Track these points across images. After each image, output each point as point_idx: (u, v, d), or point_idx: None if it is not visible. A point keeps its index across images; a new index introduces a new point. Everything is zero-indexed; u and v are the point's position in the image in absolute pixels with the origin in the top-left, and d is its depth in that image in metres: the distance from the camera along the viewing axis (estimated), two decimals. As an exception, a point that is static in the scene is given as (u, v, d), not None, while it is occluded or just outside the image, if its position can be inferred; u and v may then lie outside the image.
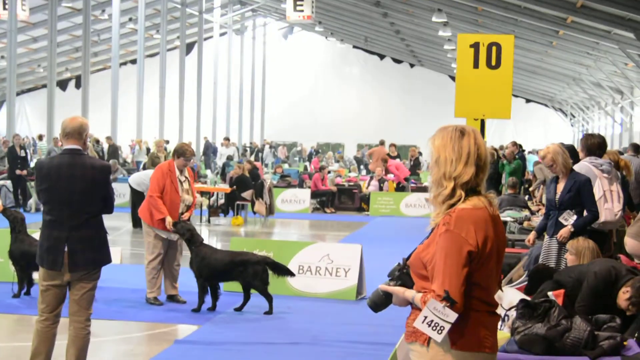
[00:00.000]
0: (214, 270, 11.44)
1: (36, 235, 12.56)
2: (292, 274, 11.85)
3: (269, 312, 11.41)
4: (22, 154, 26.37)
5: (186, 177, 12.14)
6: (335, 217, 27.26)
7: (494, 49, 10.55)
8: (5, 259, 12.88)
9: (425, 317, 4.15)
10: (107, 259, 7.99)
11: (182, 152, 12.08)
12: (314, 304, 12.15)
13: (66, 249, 7.55)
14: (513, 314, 6.89)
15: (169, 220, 11.60)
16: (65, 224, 7.58)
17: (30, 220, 13.33)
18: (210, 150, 46.28)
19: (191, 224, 11.84)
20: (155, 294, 11.97)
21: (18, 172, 25.56)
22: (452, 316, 4.12)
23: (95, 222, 7.87)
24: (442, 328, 4.13)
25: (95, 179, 7.66)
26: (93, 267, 7.81)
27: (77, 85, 62.35)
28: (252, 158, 44.73)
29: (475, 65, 10.47)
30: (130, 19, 51.62)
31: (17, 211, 12.60)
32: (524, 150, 28.46)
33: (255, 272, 11.32)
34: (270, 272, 11.48)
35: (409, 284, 4.44)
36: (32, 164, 34.65)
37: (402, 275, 4.50)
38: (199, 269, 11.49)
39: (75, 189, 7.56)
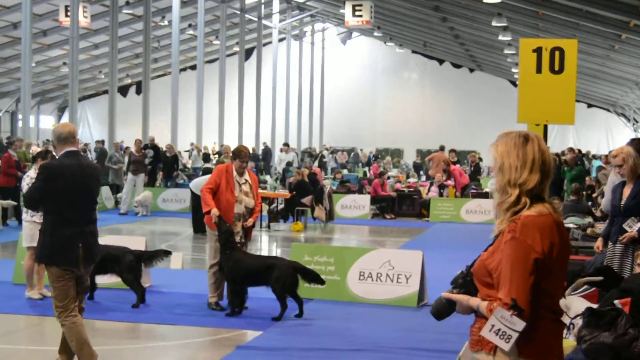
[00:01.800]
0: (245, 274, 11.47)
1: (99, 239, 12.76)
2: (322, 282, 11.77)
3: (299, 315, 11.47)
4: None
5: (247, 180, 12.13)
6: (395, 223, 27.19)
7: (557, 53, 10.44)
8: (68, 264, 13.06)
9: (493, 326, 4.13)
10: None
11: (238, 153, 12.18)
12: (375, 311, 12.13)
13: (80, 244, 8.04)
14: (579, 322, 6.82)
15: (214, 212, 11.67)
16: (78, 221, 8.11)
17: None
18: (269, 156, 46.45)
19: (231, 228, 11.80)
20: (217, 298, 12.02)
21: None
22: (520, 324, 4.09)
23: (95, 217, 8.54)
24: (509, 337, 4.10)
25: (99, 177, 8.53)
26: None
27: (138, 91, 62.91)
28: (316, 164, 44.84)
29: (538, 70, 10.37)
30: (190, 25, 52.03)
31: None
32: (583, 156, 28.18)
33: (279, 277, 11.29)
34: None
35: (472, 292, 4.42)
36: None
37: (466, 283, 4.47)
38: (230, 273, 11.53)
39: (87, 187, 8.20)
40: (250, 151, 12.74)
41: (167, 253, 12.77)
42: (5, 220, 22.77)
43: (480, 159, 38.53)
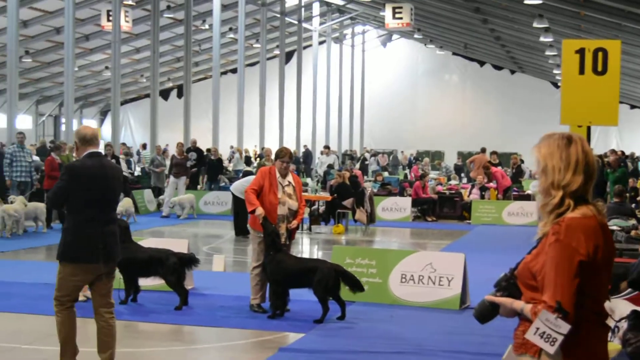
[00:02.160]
0: (287, 275, 11.49)
1: (142, 242, 12.86)
2: (361, 289, 11.72)
3: (341, 317, 11.48)
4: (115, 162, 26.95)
5: (290, 182, 12.13)
6: (436, 225, 27.12)
7: (600, 54, 10.37)
8: (112, 267, 13.16)
9: (537, 329, 4.11)
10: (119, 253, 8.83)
11: (278, 153, 12.27)
12: (417, 313, 12.11)
13: (102, 244, 8.27)
14: (624, 325, 6.77)
15: (260, 211, 11.72)
16: (100, 220, 8.32)
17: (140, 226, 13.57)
18: (310, 159, 46.51)
19: (277, 230, 11.82)
20: (259, 300, 12.04)
21: None
22: (565, 327, 4.07)
23: (115, 217, 8.82)
24: (554, 340, 4.08)
25: (120, 178, 8.77)
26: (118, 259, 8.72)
27: (179, 95, 63.25)
28: (357, 166, 44.83)
29: (581, 71, 10.29)
30: (230, 29, 52.25)
31: (120, 219, 12.86)
32: (627, 158, 27.93)
33: (321, 279, 11.30)
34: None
35: (516, 295, 4.40)
36: (136, 172, 35.37)
37: (509, 286, 4.45)
38: (273, 274, 11.55)
39: (108, 187, 8.42)
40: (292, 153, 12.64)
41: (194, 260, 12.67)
42: (50, 223, 23.00)
43: (522, 161, 38.30)
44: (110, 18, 36.42)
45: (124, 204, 24.80)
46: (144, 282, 12.64)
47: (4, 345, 9.90)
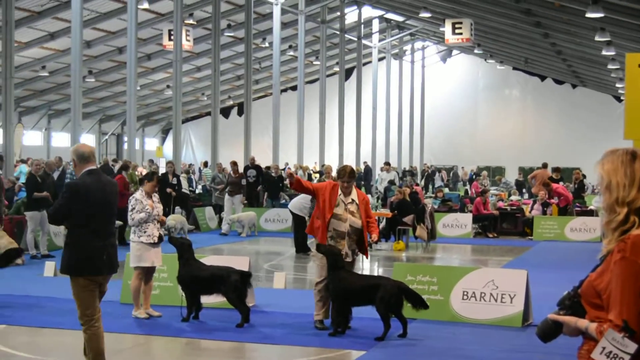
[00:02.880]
0: (349, 293, 11.44)
1: (204, 259, 12.92)
2: (426, 306, 11.65)
3: (402, 334, 11.38)
4: (174, 181, 27.15)
5: (353, 200, 11.98)
6: (497, 241, 26.90)
7: (664, 68, 10.21)
8: (174, 284, 13.25)
9: (604, 348, 4.04)
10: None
11: (339, 172, 12.24)
12: (479, 331, 11.99)
13: (104, 256, 8.73)
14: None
15: (292, 176, 11.91)
16: (101, 234, 8.75)
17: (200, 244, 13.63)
18: (370, 175, 46.46)
19: (338, 248, 11.78)
20: (322, 317, 11.99)
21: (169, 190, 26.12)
22: (632, 347, 3.99)
23: (115, 230, 9.35)
24: (621, 359, 4.01)
25: (117, 193, 9.17)
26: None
27: (240, 112, 63.66)
28: (422, 183, 44.69)
29: (645, 85, 10.16)
30: (290, 47, 52.50)
31: (183, 237, 12.96)
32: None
33: (383, 296, 11.22)
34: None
35: (580, 313, 4.33)
36: (198, 190, 35.61)
37: (574, 304, 4.38)
38: (335, 292, 11.51)
39: (107, 202, 8.83)
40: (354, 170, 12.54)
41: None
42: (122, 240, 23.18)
43: (584, 176, 37.85)
44: (172, 37, 36.77)
45: (176, 219, 24.98)
46: (206, 300, 12.69)
47: (68, 362, 10.00)
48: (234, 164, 29.04)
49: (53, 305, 13.68)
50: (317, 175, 40.86)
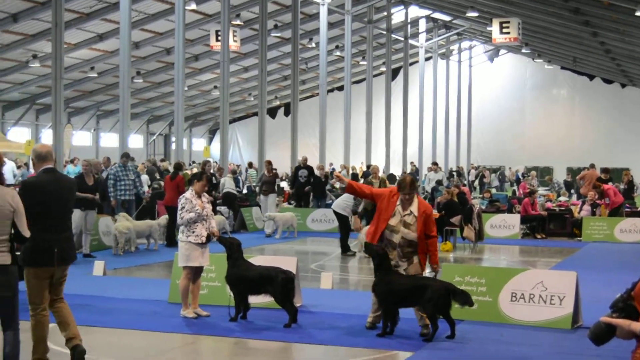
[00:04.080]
0: (397, 295, 11.39)
1: (251, 259, 12.96)
2: (471, 304, 11.60)
3: (450, 336, 11.29)
4: (214, 180, 27.40)
5: (412, 212, 11.62)
6: (546, 242, 26.68)
7: None
8: (222, 284, 13.30)
9: (658, 352, 4.00)
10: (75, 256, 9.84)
11: (398, 184, 11.83)
12: (528, 332, 11.88)
13: (56, 249, 9.16)
14: None
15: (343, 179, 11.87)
16: (56, 228, 9.25)
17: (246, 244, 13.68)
18: (417, 176, 46.35)
19: (384, 250, 11.72)
20: (375, 321, 11.94)
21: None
22: (687, 351, 3.95)
23: (70, 225, 9.77)
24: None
25: (73, 190, 9.67)
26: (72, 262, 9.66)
27: (286, 113, 63.80)
28: (476, 182, 44.48)
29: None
30: (337, 47, 52.53)
31: (233, 237, 12.98)
32: None
33: (431, 298, 11.14)
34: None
35: (633, 316, 4.29)
36: (244, 191, 35.74)
37: (627, 307, 4.35)
38: (383, 294, 11.47)
39: (62, 199, 9.35)
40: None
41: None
42: (172, 239, 23.31)
43: (632, 177, 37.43)
44: (219, 38, 36.96)
45: (217, 219, 25.07)
46: (254, 300, 12.72)
47: (117, 361, 10.08)
48: (268, 163, 29.07)
49: (102, 304, 13.80)
50: (364, 177, 40.78)
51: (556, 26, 41.70)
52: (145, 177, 28.91)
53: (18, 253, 8.75)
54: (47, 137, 53.31)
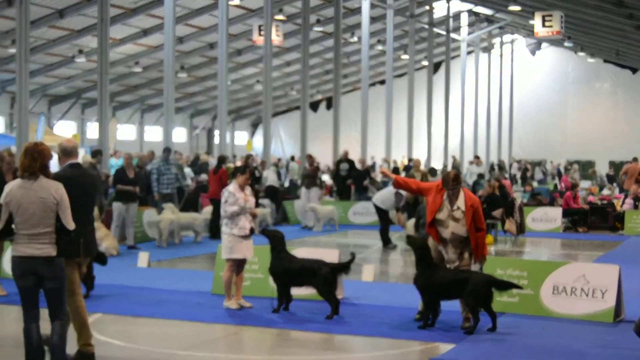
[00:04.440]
0: (438, 288, 11.36)
1: (294, 252, 13.00)
2: (517, 287, 11.64)
3: (492, 329, 11.24)
4: (257, 174, 27.47)
5: (459, 207, 11.51)
6: (587, 236, 26.45)
7: None
8: (265, 275, 13.36)
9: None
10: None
11: (443, 179, 11.67)
12: (570, 326, 11.80)
13: (82, 240, 9.31)
14: None
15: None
16: (81, 221, 9.20)
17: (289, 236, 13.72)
18: (458, 169, 46.15)
19: (425, 242, 11.71)
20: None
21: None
22: None
23: (93, 218, 10.12)
24: None
25: (97, 185, 10.04)
26: None
27: (328, 106, 63.79)
28: (519, 174, 44.24)
29: None
30: (378, 41, 52.42)
31: (276, 230, 13.02)
32: None
33: (472, 290, 11.11)
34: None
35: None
36: (286, 184, 35.83)
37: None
38: (424, 287, 11.45)
39: (87, 193, 9.70)
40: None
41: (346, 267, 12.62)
42: (217, 231, 23.39)
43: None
44: (262, 33, 37.03)
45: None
46: (297, 292, 12.76)
47: (162, 351, 10.15)
48: (309, 157, 29.08)
49: (146, 295, 13.92)
50: (405, 171, 40.69)
51: (599, 19, 41.26)
52: (188, 170, 29.04)
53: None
54: (92, 130, 53.81)
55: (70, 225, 8.56)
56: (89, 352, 9.36)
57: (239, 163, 37.08)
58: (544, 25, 39.01)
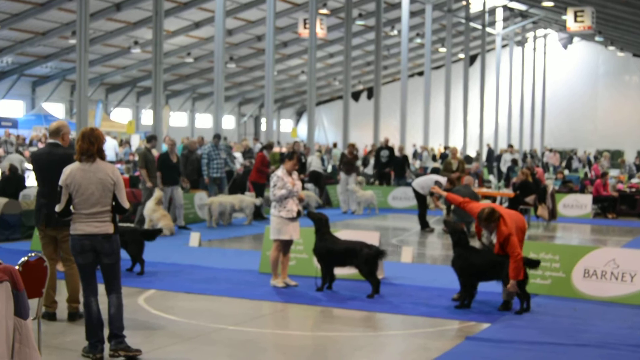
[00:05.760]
0: (477, 270, 11.29)
1: (337, 234, 12.97)
2: (538, 262, 11.46)
3: (520, 311, 11.13)
4: (302, 160, 27.49)
5: (493, 241, 11.60)
6: (617, 222, 26.17)
7: None
8: (310, 256, 13.37)
9: None
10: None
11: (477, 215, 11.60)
12: (600, 308, 11.70)
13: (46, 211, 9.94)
14: None
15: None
16: (45, 194, 10.05)
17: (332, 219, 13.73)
18: (493, 157, 45.88)
19: (461, 227, 11.65)
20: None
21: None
22: None
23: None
24: None
25: (64, 162, 9.47)
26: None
27: (369, 96, 63.73)
28: (564, 164, 43.95)
29: None
30: (417, 34, 52.20)
31: (321, 213, 13.00)
32: None
33: (508, 273, 11.03)
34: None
35: None
36: (329, 169, 35.81)
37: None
38: (462, 269, 11.39)
39: (54, 170, 9.55)
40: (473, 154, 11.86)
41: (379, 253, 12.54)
42: (259, 215, 23.39)
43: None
44: (307, 26, 37.00)
45: (308, 195, 25.16)
46: (340, 272, 12.77)
47: (212, 326, 10.18)
48: (351, 146, 29.00)
49: (197, 272, 13.99)
50: (441, 159, 40.55)
51: (629, 15, 40.79)
52: (238, 155, 29.09)
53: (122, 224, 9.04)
54: (146, 117, 54.15)
55: (126, 204, 8.62)
56: (52, 311, 10.26)
57: (283, 149, 37.15)
58: (575, 21, 38.65)
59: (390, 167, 30.41)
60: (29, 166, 23.72)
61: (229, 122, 62.58)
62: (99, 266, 8.64)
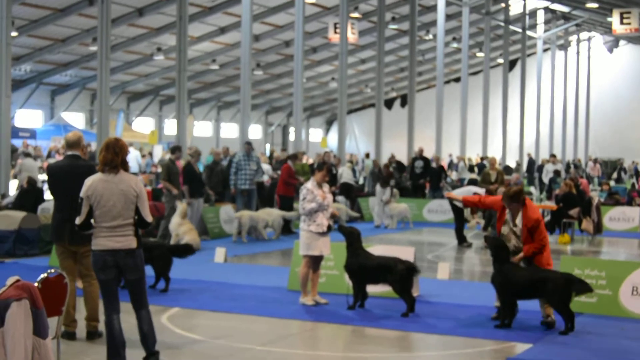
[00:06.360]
0: (516, 286, 11.21)
1: (370, 249, 12.96)
2: (591, 290, 11.33)
3: (564, 331, 11.00)
4: (333, 171, 27.54)
5: (517, 225, 11.58)
6: (666, 236, 25.96)
7: None
8: (341, 272, 13.35)
9: None
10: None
11: (503, 193, 11.78)
12: (649, 327, 11.61)
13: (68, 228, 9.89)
14: None
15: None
16: (65, 209, 9.99)
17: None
18: (534, 168, 45.65)
19: (502, 242, 11.58)
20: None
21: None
22: None
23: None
24: None
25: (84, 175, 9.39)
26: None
27: (403, 104, 63.67)
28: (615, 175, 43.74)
29: None
30: (454, 39, 52.10)
31: (353, 227, 12.99)
32: None
33: (554, 289, 10.94)
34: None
35: None
36: (361, 181, 35.79)
37: None
38: (502, 286, 11.33)
39: (73, 183, 9.61)
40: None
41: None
42: (288, 230, 23.39)
43: None
44: (337, 30, 37.03)
45: (339, 207, 25.13)
46: (372, 289, 12.74)
47: (238, 346, 10.20)
48: (387, 167, 28.98)
49: (223, 290, 14.01)
50: (477, 168, 40.43)
51: (679, 16, 40.51)
52: (266, 167, 29.21)
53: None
54: (169, 127, 54.41)
55: (149, 217, 8.66)
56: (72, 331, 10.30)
57: (310, 160, 37.17)
58: (622, 23, 38.48)
59: (425, 178, 30.36)
60: (43, 177, 23.96)
61: (255, 131, 62.74)
62: (124, 282, 8.69)
